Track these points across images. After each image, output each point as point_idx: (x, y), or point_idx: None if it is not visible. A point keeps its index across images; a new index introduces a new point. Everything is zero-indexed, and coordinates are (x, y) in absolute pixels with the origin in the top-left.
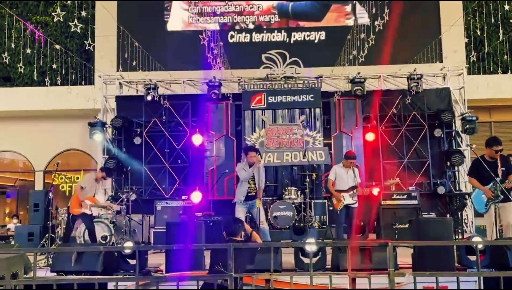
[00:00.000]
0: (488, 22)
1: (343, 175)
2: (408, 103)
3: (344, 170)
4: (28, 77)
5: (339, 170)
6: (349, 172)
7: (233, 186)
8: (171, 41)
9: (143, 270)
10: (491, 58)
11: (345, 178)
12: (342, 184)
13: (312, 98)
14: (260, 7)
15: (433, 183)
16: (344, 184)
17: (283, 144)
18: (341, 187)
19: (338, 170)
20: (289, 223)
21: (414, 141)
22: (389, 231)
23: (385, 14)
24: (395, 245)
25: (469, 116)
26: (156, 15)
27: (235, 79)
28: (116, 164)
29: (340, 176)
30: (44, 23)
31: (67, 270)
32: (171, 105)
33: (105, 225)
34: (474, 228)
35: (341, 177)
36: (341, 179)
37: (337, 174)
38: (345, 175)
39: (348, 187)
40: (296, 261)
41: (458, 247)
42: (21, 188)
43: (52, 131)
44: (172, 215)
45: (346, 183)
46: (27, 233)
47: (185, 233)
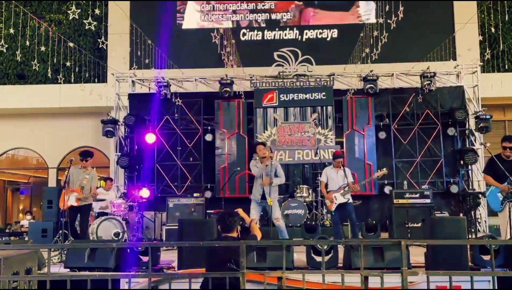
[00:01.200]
0: (503, 20)
1: (333, 176)
2: (421, 101)
3: (334, 171)
4: (41, 74)
5: (330, 171)
6: (339, 172)
7: (245, 184)
8: (184, 39)
9: (155, 267)
10: (505, 56)
11: (335, 179)
12: (333, 184)
13: (324, 96)
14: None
15: (446, 182)
16: (335, 184)
17: (295, 142)
18: (332, 188)
19: (328, 172)
20: (301, 221)
21: (427, 139)
22: (402, 230)
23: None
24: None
25: (482, 114)
26: (169, 13)
27: (247, 77)
28: (128, 162)
29: (331, 177)
30: (57, 21)
31: (80, 266)
32: (183, 103)
33: (118, 222)
34: (487, 228)
35: (332, 178)
36: (332, 179)
37: (328, 176)
38: (335, 175)
39: (339, 187)
40: (308, 259)
41: (472, 246)
42: (34, 185)
43: (65, 129)
44: (184, 212)
45: (336, 183)
46: (40, 230)
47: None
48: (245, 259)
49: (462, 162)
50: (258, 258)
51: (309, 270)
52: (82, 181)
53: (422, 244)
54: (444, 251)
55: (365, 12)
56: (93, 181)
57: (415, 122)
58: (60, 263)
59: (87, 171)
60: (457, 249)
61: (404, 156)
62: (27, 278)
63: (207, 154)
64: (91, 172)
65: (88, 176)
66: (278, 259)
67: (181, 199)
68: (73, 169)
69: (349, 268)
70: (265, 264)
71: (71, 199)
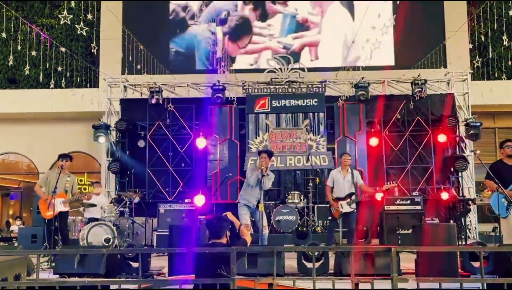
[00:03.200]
0: (492, 28)
1: (340, 180)
2: (412, 108)
3: (341, 175)
4: (33, 79)
5: (336, 175)
6: (346, 177)
7: (236, 190)
8: (176, 44)
9: (146, 273)
10: (495, 64)
11: (342, 184)
12: (339, 190)
13: (316, 102)
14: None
15: (437, 188)
16: (341, 191)
17: (287, 148)
18: (338, 194)
19: (335, 175)
20: (292, 227)
21: (418, 146)
22: (393, 236)
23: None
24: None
25: (473, 122)
26: (161, 18)
27: (239, 83)
28: (120, 167)
29: (337, 181)
30: (49, 26)
31: (70, 272)
32: (175, 108)
33: (108, 228)
34: (477, 234)
35: (338, 183)
36: (338, 184)
37: (334, 180)
38: (342, 180)
39: (346, 195)
40: (299, 265)
41: (462, 253)
42: (25, 190)
43: (57, 133)
44: (175, 218)
45: (343, 190)
46: (30, 235)
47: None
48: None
49: (453, 169)
50: (248, 265)
51: (300, 276)
52: (65, 185)
53: (413, 250)
54: (434, 258)
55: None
56: (75, 186)
57: (406, 129)
58: (50, 269)
59: (67, 174)
60: (447, 255)
61: (395, 163)
62: (16, 284)
63: (199, 160)
64: (71, 176)
65: (69, 178)
66: (269, 265)
67: (172, 204)
68: (52, 174)
69: (340, 275)
70: (255, 270)
71: (58, 205)
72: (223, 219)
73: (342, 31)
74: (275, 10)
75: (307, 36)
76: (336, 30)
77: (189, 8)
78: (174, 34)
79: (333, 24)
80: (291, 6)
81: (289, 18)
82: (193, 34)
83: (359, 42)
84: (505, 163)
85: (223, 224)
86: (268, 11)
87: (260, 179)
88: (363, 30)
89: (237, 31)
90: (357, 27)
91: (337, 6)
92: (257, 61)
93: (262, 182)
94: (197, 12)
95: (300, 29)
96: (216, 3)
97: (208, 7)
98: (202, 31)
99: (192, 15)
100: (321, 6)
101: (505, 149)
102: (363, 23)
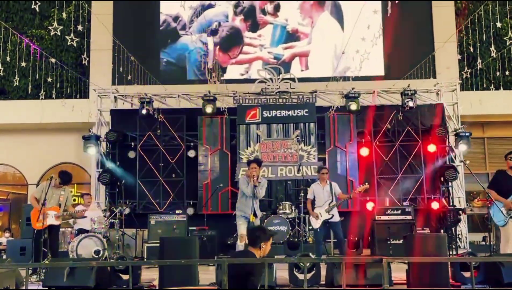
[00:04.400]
0: (481, 39)
1: (319, 192)
2: (402, 119)
3: (320, 186)
4: (22, 90)
5: (316, 188)
6: (325, 188)
7: (227, 201)
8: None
9: (136, 286)
10: (484, 74)
11: (321, 194)
12: (319, 200)
13: (307, 112)
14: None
15: (427, 198)
16: (321, 201)
17: (278, 159)
18: (318, 204)
19: (315, 188)
20: (283, 238)
21: (408, 156)
22: (383, 246)
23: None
24: (389, 261)
25: (462, 132)
26: (152, 29)
27: (230, 94)
28: (110, 178)
29: (317, 193)
30: (39, 37)
31: (60, 285)
32: (166, 119)
33: (98, 240)
34: (468, 244)
35: (318, 195)
36: (318, 196)
37: (314, 192)
38: (321, 191)
39: (324, 202)
40: (290, 276)
41: (453, 263)
42: (13, 202)
43: (46, 145)
44: (166, 229)
45: (322, 199)
46: (19, 248)
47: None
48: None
49: (443, 179)
50: None
51: (291, 287)
52: (59, 199)
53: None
54: (425, 268)
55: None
56: (69, 199)
57: (396, 139)
58: (39, 282)
59: (62, 188)
60: (438, 266)
61: (385, 173)
62: None
63: (190, 171)
64: (66, 189)
65: (64, 192)
66: None
67: (163, 216)
68: (46, 186)
69: (331, 286)
70: None
71: (50, 218)
72: (262, 229)
73: (332, 42)
74: (265, 21)
75: (298, 47)
76: (326, 41)
77: (180, 19)
78: (165, 45)
79: (323, 35)
80: (281, 17)
81: (280, 28)
82: (184, 45)
83: (349, 53)
84: (508, 174)
85: (259, 234)
86: (259, 22)
87: (253, 189)
88: (353, 41)
89: (228, 41)
90: (346, 37)
91: (327, 17)
92: (248, 71)
93: (256, 192)
94: (187, 23)
95: (291, 40)
96: (207, 14)
97: (199, 17)
98: (193, 42)
99: (183, 25)
100: (311, 17)
101: (509, 161)
102: (352, 34)
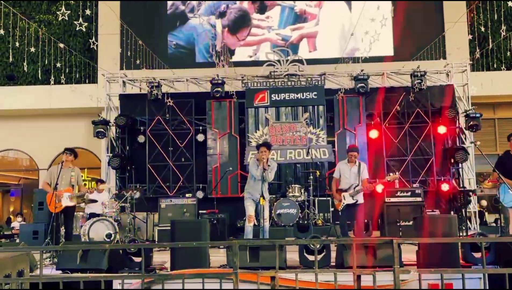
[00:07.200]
0: (492, 19)
1: (346, 173)
2: (411, 100)
3: (348, 167)
4: (32, 75)
5: (343, 167)
6: (352, 169)
7: (237, 184)
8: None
9: (148, 268)
10: (495, 55)
11: (347, 176)
12: (344, 182)
13: (316, 95)
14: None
15: (437, 180)
16: (346, 183)
17: (287, 142)
18: (343, 186)
19: (342, 167)
20: (293, 220)
21: (418, 138)
22: (393, 228)
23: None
24: (400, 242)
25: (472, 113)
26: (159, 12)
27: (239, 77)
28: (120, 162)
29: (344, 173)
30: (47, 22)
31: (72, 268)
32: (174, 103)
33: (109, 223)
34: (478, 225)
35: (344, 175)
36: (344, 176)
37: (341, 171)
38: (348, 172)
39: (349, 186)
40: (300, 258)
41: (463, 244)
42: (25, 187)
43: (56, 130)
44: (176, 213)
45: (348, 181)
46: (31, 232)
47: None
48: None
49: (453, 160)
50: (251, 258)
51: (302, 269)
52: (70, 180)
53: (414, 242)
54: (435, 249)
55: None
56: (80, 178)
57: (405, 121)
58: (52, 265)
59: (71, 169)
60: (448, 247)
61: (395, 155)
62: (19, 280)
63: (199, 155)
64: (75, 169)
65: (74, 173)
66: (271, 258)
67: (173, 199)
68: (56, 169)
69: (341, 267)
70: (258, 263)
71: (65, 200)
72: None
73: (340, 23)
74: (273, 2)
75: (305, 28)
76: (334, 22)
77: (188, 2)
78: (174, 28)
79: (331, 16)
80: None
81: (288, 10)
82: (192, 27)
83: (358, 34)
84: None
85: None
86: (267, 3)
87: (263, 172)
88: (362, 21)
89: (236, 23)
90: (354, 18)
91: None
92: (256, 53)
93: (265, 175)
94: (196, 5)
95: (298, 21)
96: None
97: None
98: (202, 24)
99: (191, 8)
100: None
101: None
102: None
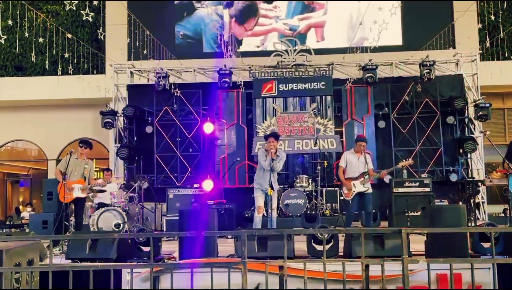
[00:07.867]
0: (502, 7)
1: (353, 162)
2: (420, 90)
3: (355, 156)
4: (40, 66)
5: (350, 157)
6: (360, 158)
7: (244, 174)
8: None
9: (157, 257)
10: (505, 44)
11: (355, 165)
12: (352, 171)
13: (323, 85)
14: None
15: (446, 170)
16: (355, 171)
17: (294, 132)
18: (352, 175)
19: (348, 157)
20: (301, 210)
21: (427, 128)
22: (401, 218)
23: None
24: (408, 232)
25: (482, 102)
26: (167, 2)
27: (246, 67)
28: (128, 153)
29: (351, 162)
30: (55, 12)
31: (82, 257)
32: (182, 94)
33: (118, 213)
34: (487, 216)
35: (352, 164)
36: (352, 166)
37: (348, 161)
38: (356, 161)
39: (359, 174)
40: (308, 248)
41: (472, 234)
42: (34, 177)
43: (64, 120)
44: (184, 203)
45: (357, 170)
46: (41, 221)
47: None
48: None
49: (462, 151)
50: (259, 248)
51: (310, 259)
52: (83, 172)
53: (422, 232)
54: (444, 239)
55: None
56: (92, 171)
57: (414, 111)
58: (61, 255)
59: (85, 161)
60: (457, 237)
61: (403, 145)
62: (29, 269)
63: (207, 145)
64: (89, 162)
65: (87, 165)
66: (279, 248)
67: (181, 189)
68: (72, 160)
69: (349, 257)
70: (266, 253)
71: (76, 191)
72: None
73: (348, 12)
74: None
75: (313, 17)
76: (342, 11)
77: None
78: (181, 18)
79: (339, 5)
80: None
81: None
82: (200, 17)
83: (366, 23)
84: None
85: None
86: None
87: (271, 163)
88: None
89: (243, 13)
90: (362, 7)
91: None
92: (264, 43)
93: (273, 166)
94: None
95: (306, 10)
96: None
97: None
98: (209, 14)
99: None
100: None
101: None
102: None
